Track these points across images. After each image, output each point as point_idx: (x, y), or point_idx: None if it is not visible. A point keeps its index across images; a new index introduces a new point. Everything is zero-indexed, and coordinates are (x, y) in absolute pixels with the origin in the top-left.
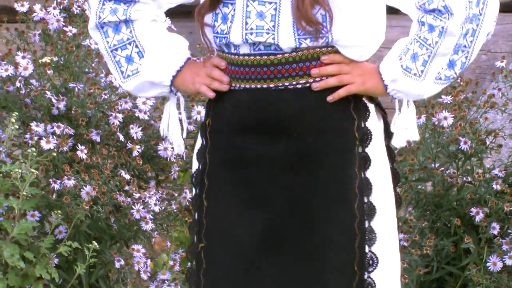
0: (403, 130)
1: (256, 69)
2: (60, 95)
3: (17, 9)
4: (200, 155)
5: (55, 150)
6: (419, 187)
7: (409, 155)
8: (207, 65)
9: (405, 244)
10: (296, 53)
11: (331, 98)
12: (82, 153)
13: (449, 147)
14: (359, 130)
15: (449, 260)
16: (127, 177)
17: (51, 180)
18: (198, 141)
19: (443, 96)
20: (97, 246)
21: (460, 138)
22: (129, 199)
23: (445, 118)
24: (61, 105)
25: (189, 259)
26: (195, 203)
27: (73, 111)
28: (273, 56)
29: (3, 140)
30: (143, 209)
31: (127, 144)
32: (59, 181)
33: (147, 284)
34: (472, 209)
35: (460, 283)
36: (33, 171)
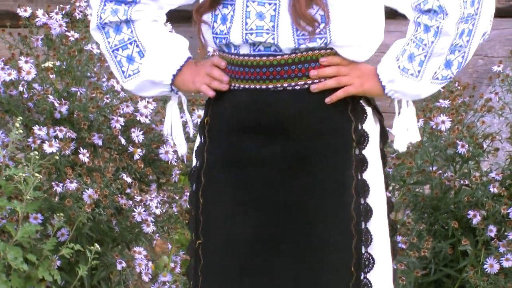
0: (404, 132)
1: (256, 69)
2: (62, 99)
3: (20, 14)
4: (198, 152)
5: (57, 153)
6: (417, 190)
7: (407, 159)
8: (207, 64)
9: (403, 246)
10: (295, 54)
11: (329, 99)
12: (84, 156)
13: (446, 150)
14: (356, 132)
15: (446, 262)
16: (129, 180)
17: (53, 183)
18: (197, 139)
19: (440, 100)
20: (99, 249)
21: (458, 141)
22: (130, 202)
23: (443, 122)
24: (64, 109)
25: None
26: (191, 200)
27: (75, 115)
28: (273, 57)
29: (6, 143)
30: (144, 211)
31: (129, 148)
32: (61, 184)
33: (148, 286)
34: (470, 211)
35: (457, 285)
36: (36, 174)
